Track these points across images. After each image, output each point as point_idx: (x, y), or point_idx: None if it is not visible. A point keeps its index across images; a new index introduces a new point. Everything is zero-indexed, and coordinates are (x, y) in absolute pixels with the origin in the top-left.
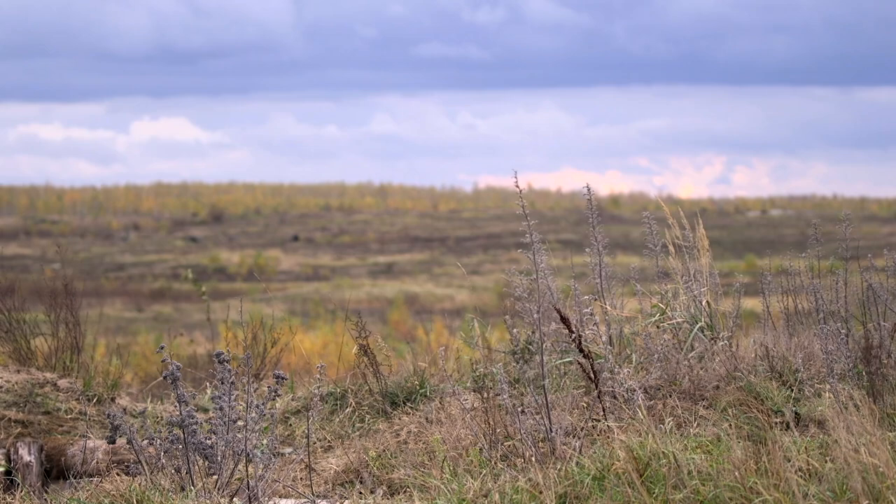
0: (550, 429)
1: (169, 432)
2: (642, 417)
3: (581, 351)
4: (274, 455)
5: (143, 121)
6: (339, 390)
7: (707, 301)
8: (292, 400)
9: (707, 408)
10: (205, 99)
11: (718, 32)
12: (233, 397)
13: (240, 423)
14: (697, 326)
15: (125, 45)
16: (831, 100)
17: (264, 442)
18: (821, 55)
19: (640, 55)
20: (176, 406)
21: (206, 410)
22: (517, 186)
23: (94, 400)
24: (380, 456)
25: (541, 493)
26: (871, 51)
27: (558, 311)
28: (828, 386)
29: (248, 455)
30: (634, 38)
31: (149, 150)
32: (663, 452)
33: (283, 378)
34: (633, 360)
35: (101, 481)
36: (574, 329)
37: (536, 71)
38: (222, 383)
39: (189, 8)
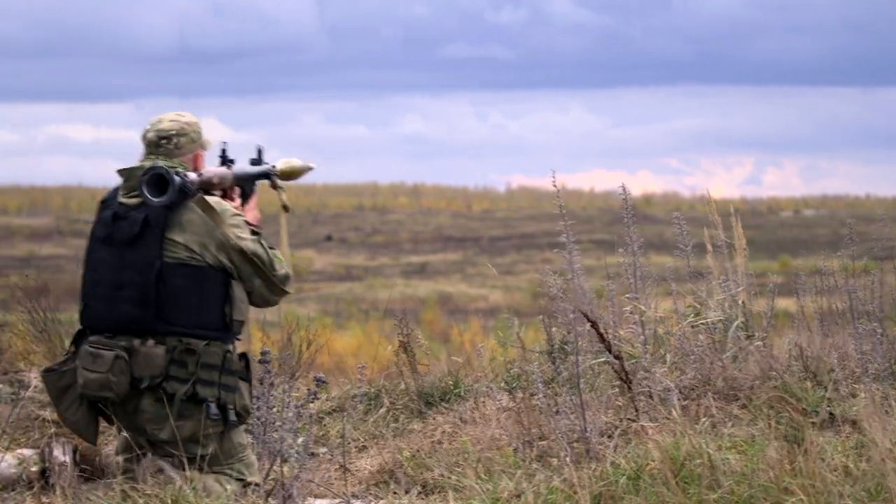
0: (585, 429)
1: None
2: (677, 417)
3: (611, 352)
4: (309, 455)
5: None
6: (373, 390)
7: (742, 300)
8: (326, 400)
9: (742, 408)
10: (231, 99)
11: (738, 33)
12: (270, 399)
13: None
14: (735, 325)
15: (148, 46)
16: (855, 100)
17: (299, 442)
18: (841, 55)
19: (662, 56)
20: None
21: None
22: (555, 186)
23: None
24: (414, 456)
25: (575, 493)
26: (890, 51)
27: (585, 315)
28: (863, 386)
29: (284, 455)
30: (656, 38)
31: None
32: (698, 452)
33: (323, 381)
34: (668, 359)
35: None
36: (603, 331)
37: (562, 71)
38: (261, 384)
39: (211, 8)
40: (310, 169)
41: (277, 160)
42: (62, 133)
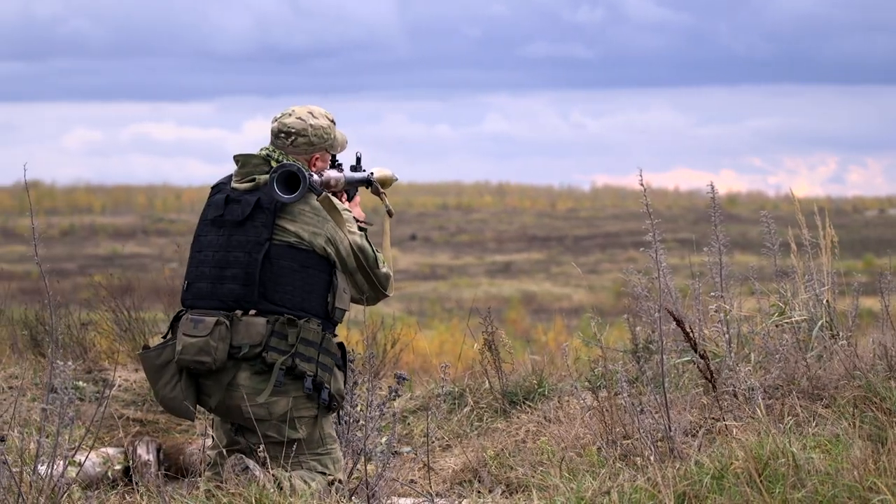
0: (669, 428)
1: None
2: (761, 416)
3: (696, 351)
4: (392, 454)
5: (256, 119)
6: (457, 389)
7: (827, 300)
8: (410, 399)
9: (826, 407)
10: (315, 98)
11: (820, 32)
12: (354, 397)
13: (359, 421)
14: (819, 325)
15: (229, 45)
16: None
17: (383, 441)
18: None
19: (744, 55)
20: None
21: None
22: (641, 185)
23: None
24: (498, 455)
25: (659, 492)
26: None
27: (672, 315)
28: None
29: (367, 454)
30: (738, 37)
31: None
32: (782, 451)
33: (405, 378)
34: (752, 359)
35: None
36: (689, 331)
37: (643, 70)
38: (345, 383)
39: (290, 7)
40: (396, 180)
41: (371, 168)
42: (146, 132)
